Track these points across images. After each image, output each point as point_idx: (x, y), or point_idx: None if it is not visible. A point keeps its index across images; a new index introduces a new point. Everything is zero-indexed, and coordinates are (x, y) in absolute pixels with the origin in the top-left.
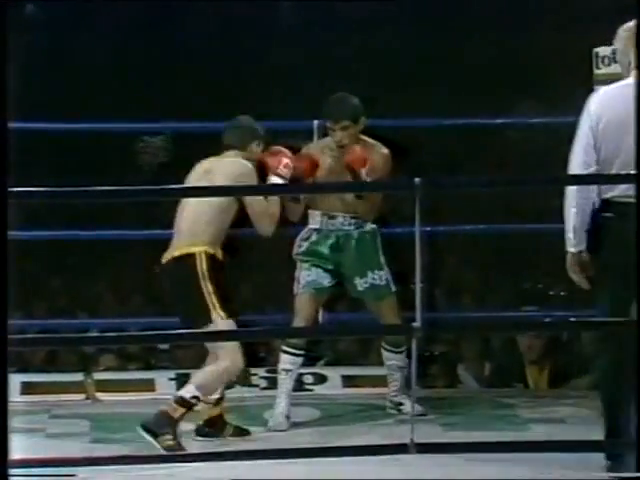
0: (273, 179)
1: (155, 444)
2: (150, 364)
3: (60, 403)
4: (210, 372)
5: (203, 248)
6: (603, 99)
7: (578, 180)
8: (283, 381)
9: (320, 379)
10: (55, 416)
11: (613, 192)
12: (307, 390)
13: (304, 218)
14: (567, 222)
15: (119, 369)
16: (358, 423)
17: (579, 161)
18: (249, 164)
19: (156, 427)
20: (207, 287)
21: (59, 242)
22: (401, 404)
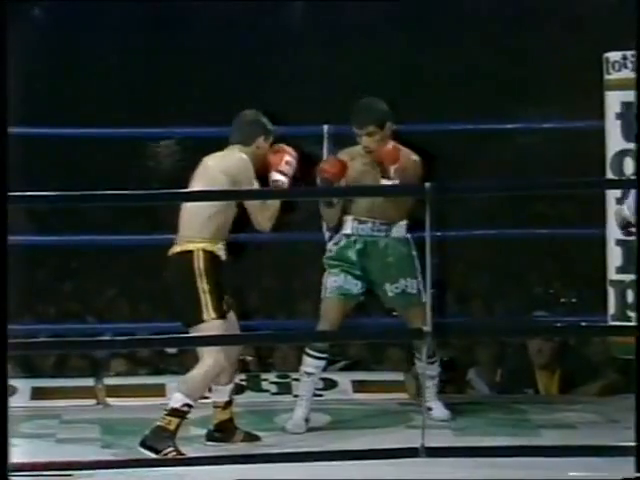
0: (275, 176)
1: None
2: (160, 369)
3: (70, 408)
4: (194, 376)
5: (201, 245)
6: None
7: (587, 185)
8: (305, 384)
9: (330, 384)
10: (65, 421)
11: None
12: (317, 395)
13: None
14: None
15: (130, 374)
16: (368, 428)
17: None
18: (244, 157)
19: (156, 443)
20: (202, 285)
21: (69, 247)
22: (431, 409)
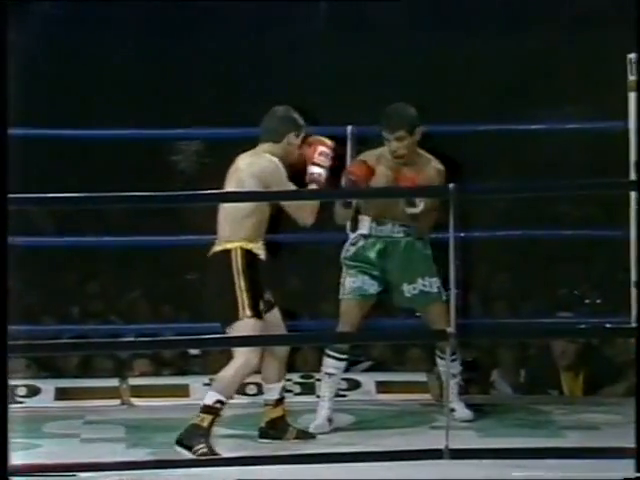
0: (311, 169)
1: (192, 457)
2: (184, 370)
3: (94, 409)
4: (225, 374)
5: (239, 244)
6: None
7: (609, 186)
8: (326, 385)
9: (354, 385)
10: (89, 422)
11: None
12: (341, 396)
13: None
14: None
15: (154, 374)
16: (392, 429)
17: None
18: (274, 159)
19: (189, 441)
20: (240, 284)
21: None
22: (453, 410)
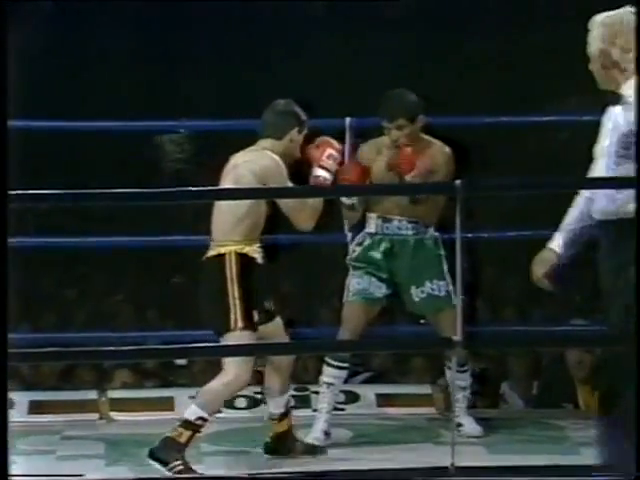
0: (317, 171)
1: (166, 472)
2: (168, 381)
3: (72, 423)
4: (212, 388)
5: (233, 248)
6: None
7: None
8: (324, 395)
9: (352, 398)
10: (66, 437)
11: None
12: (339, 409)
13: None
14: None
15: (135, 386)
16: (393, 444)
17: None
18: (275, 157)
19: (164, 455)
20: (233, 292)
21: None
22: (460, 425)
